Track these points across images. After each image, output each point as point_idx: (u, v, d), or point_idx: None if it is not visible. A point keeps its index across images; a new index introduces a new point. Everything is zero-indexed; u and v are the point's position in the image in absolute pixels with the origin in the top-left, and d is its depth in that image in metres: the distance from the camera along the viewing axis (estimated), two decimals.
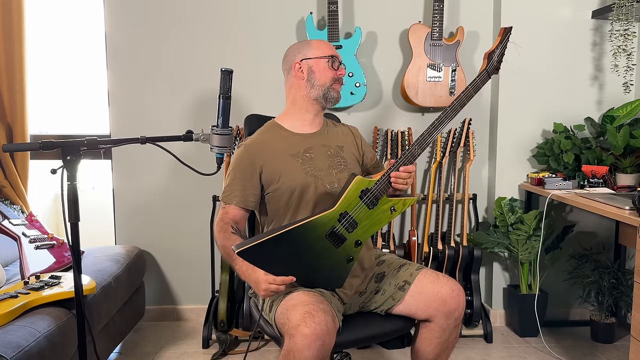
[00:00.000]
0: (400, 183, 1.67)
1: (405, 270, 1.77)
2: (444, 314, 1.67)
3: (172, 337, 2.78)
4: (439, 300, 1.67)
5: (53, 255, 2.35)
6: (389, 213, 1.67)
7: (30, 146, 1.63)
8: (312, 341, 1.42)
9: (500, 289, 2.96)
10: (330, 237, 1.62)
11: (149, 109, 2.87)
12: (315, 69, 1.83)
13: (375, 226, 1.67)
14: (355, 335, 1.68)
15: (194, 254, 2.94)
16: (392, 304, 1.73)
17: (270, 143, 1.84)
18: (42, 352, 1.68)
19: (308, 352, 1.42)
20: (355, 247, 1.65)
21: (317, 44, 1.86)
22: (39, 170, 2.96)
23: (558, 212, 2.89)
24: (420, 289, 1.70)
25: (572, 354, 2.60)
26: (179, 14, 2.83)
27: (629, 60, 2.62)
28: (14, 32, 2.72)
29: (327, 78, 1.83)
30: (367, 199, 1.64)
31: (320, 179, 1.77)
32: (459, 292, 1.69)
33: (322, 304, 1.54)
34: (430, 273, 1.74)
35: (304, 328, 1.43)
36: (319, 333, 1.43)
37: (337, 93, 1.85)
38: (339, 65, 1.86)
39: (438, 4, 2.69)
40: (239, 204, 1.77)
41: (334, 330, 1.50)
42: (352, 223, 1.63)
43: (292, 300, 1.57)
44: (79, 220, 1.43)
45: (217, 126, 1.54)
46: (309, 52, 1.84)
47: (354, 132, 1.98)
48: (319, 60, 1.83)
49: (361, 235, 1.65)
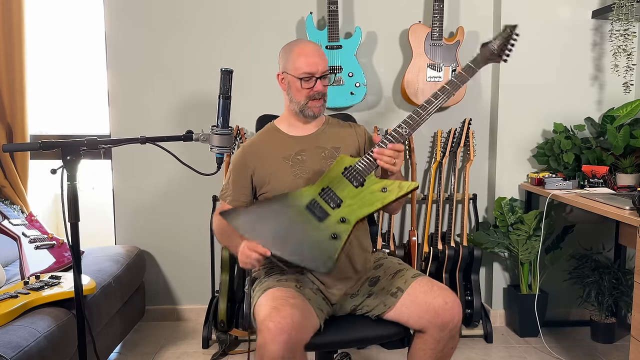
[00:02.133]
0: (385, 161, 1.60)
1: (400, 277, 1.71)
2: (437, 326, 1.60)
3: (172, 337, 2.78)
4: (431, 312, 1.59)
5: (53, 255, 2.36)
6: (381, 194, 1.59)
7: (30, 146, 1.63)
8: (276, 335, 1.43)
9: (500, 289, 2.96)
10: (310, 209, 1.60)
11: (149, 109, 2.87)
12: (292, 85, 1.79)
13: (366, 207, 1.58)
14: (339, 337, 1.65)
15: (194, 254, 2.94)
16: (383, 310, 1.68)
17: (265, 145, 1.85)
18: (42, 352, 1.68)
19: (273, 346, 1.43)
20: (339, 224, 1.56)
21: (296, 55, 1.77)
22: (39, 170, 2.96)
23: (558, 212, 2.89)
24: (412, 297, 1.64)
25: (572, 354, 2.60)
26: (179, 14, 2.83)
27: (629, 60, 2.62)
28: (14, 32, 2.72)
29: (301, 97, 1.78)
30: (350, 175, 1.62)
31: (310, 181, 1.76)
32: (453, 304, 1.60)
33: (293, 299, 1.55)
34: (425, 282, 1.67)
35: (269, 322, 1.45)
36: (284, 327, 1.44)
37: (313, 110, 1.79)
38: (315, 82, 1.76)
39: (438, 4, 2.69)
40: (231, 203, 1.83)
41: (302, 324, 1.49)
42: (334, 198, 1.60)
43: (265, 296, 1.59)
44: (79, 220, 1.43)
45: (217, 126, 1.55)
46: (288, 65, 1.79)
47: (358, 133, 1.92)
48: (293, 77, 1.77)
49: (347, 213, 1.57)
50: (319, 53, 1.80)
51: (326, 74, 1.80)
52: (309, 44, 1.84)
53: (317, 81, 1.77)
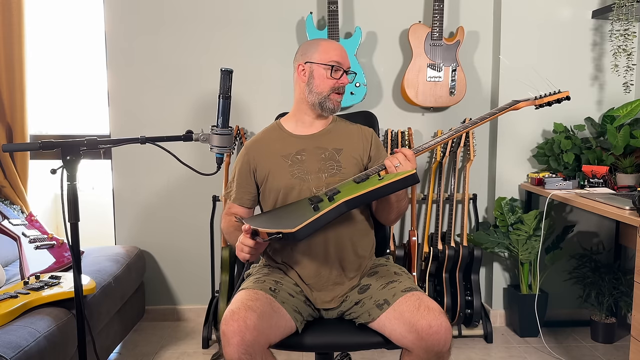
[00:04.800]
0: (391, 161, 1.61)
1: (391, 288, 1.63)
2: (422, 348, 1.49)
3: (172, 337, 2.78)
4: (415, 333, 1.49)
5: (53, 255, 2.35)
6: (375, 181, 1.55)
7: (30, 146, 1.62)
8: (230, 337, 1.45)
9: (501, 289, 2.96)
10: (310, 199, 1.61)
11: (149, 109, 2.87)
12: (316, 74, 1.77)
13: (357, 190, 1.53)
14: (318, 340, 1.64)
15: (194, 254, 2.94)
16: (367, 320, 1.62)
17: (267, 142, 1.85)
18: (42, 352, 1.68)
19: (229, 349, 1.45)
20: (327, 203, 1.53)
21: (325, 47, 1.78)
22: (39, 170, 2.96)
23: (558, 212, 2.89)
24: (398, 313, 1.54)
25: (572, 354, 2.60)
26: (179, 14, 2.83)
27: (629, 60, 2.62)
28: (14, 32, 2.72)
29: (325, 87, 1.77)
30: (357, 177, 1.67)
31: (307, 182, 1.75)
32: (439, 329, 1.47)
33: (254, 301, 1.54)
34: (414, 300, 1.55)
35: (224, 325, 1.48)
36: (236, 330, 1.45)
37: (334, 104, 1.79)
38: (342, 74, 1.78)
39: (438, 4, 2.69)
40: (236, 202, 1.83)
41: (261, 327, 1.48)
42: (333, 191, 1.60)
43: (233, 298, 1.60)
44: (79, 220, 1.43)
45: (217, 126, 1.54)
46: (314, 55, 1.77)
47: (365, 135, 1.87)
48: (320, 66, 1.76)
49: (338, 196, 1.54)
50: (344, 49, 1.83)
51: (349, 72, 1.82)
52: (331, 40, 1.90)
53: (344, 73, 1.79)
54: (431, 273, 2.77)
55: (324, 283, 1.72)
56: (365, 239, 1.82)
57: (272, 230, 1.47)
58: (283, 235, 1.46)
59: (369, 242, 1.83)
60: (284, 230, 1.46)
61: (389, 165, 1.62)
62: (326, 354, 1.83)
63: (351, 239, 1.75)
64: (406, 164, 1.60)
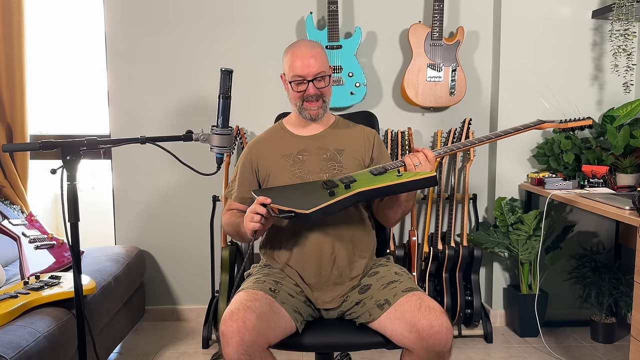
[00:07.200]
0: (411, 159, 1.62)
1: (392, 288, 1.62)
2: (423, 348, 1.49)
3: (172, 337, 2.78)
4: (415, 333, 1.49)
5: (53, 255, 2.35)
6: (393, 176, 1.56)
7: (30, 146, 1.62)
8: (229, 338, 1.46)
9: (501, 289, 2.96)
10: (325, 183, 1.63)
11: (149, 109, 2.87)
12: (287, 87, 1.81)
13: (374, 183, 1.55)
14: (318, 340, 1.64)
15: (194, 254, 2.95)
16: (368, 319, 1.62)
17: (270, 142, 1.86)
18: (42, 352, 1.68)
19: (228, 349, 1.46)
20: (343, 189, 1.55)
21: (291, 59, 1.76)
22: (39, 170, 2.96)
23: (558, 212, 2.89)
24: (399, 313, 1.55)
25: (572, 354, 2.60)
26: (179, 14, 2.83)
27: (629, 60, 2.62)
28: (14, 32, 2.72)
29: (295, 98, 1.79)
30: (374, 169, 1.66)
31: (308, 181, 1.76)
32: (440, 329, 1.48)
33: (254, 302, 1.54)
34: (414, 300, 1.55)
35: (223, 326, 1.48)
36: (235, 330, 1.45)
37: (309, 112, 1.78)
38: (307, 86, 1.74)
39: (438, 4, 2.69)
40: (236, 200, 1.84)
41: (260, 327, 1.48)
42: (349, 178, 1.62)
43: (233, 299, 1.60)
44: (79, 220, 1.43)
45: (217, 126, 1.54)
46: (285, 67, 1.80)
47: (367, 136, 1.87)
48: (287, 81, 1.80)
49: (354, 185, 1.56)
50: (314, 53, 1.75)
51: (322, 75, 1.76)
52: (304, 45, 1.78)
53: (309, 84, 1.75)
54: (431, 273, 2.77)
55: (324, 283, 1.72)
56: (366, 239, 1.82)
57: (285, 208, 1.49)
58: (295, 215, 1.48)
59: (369, 242, 1.83)
60: (298, 210, 1.47)
61: (409, 164, 1.63)
62: (326, 354, 1.83)
63: (352, 239, 1.75)
64: (426, 165, 1.62)
